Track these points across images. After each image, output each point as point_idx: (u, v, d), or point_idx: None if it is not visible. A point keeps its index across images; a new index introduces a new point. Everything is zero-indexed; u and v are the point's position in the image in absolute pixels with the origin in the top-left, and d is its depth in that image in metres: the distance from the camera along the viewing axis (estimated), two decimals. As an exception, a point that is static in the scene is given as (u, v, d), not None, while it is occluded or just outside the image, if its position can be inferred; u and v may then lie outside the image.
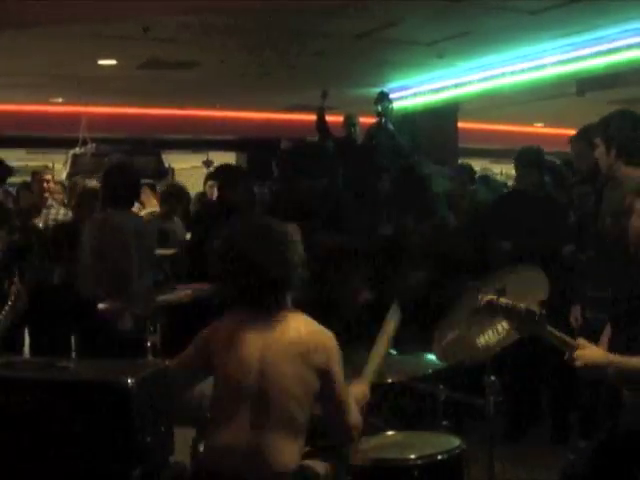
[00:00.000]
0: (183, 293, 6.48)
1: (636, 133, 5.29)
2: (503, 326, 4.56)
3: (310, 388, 3.93)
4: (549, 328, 4.05)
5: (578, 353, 3.97)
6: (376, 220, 9.09)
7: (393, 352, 5.07)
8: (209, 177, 11.79)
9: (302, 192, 8.82)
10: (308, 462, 4.13)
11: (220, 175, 8.69)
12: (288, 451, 3.90)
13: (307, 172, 9.91)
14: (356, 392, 4.20)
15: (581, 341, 4.06)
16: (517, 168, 7.92)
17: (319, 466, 4.17)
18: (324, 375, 3.94)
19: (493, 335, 4.62)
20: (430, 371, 4.94)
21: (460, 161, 13.69)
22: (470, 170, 9.85)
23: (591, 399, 6.45)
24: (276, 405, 3.89)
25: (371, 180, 10.16)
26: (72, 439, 3.59)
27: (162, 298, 6.37)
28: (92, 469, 3.58)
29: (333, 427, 4.13)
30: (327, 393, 3.98)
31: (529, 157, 7.75)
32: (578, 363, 3.97)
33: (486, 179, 11.17)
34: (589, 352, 4.00)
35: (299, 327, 3.99)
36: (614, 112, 5.36)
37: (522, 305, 3.98)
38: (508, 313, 4.04)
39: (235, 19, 9.69)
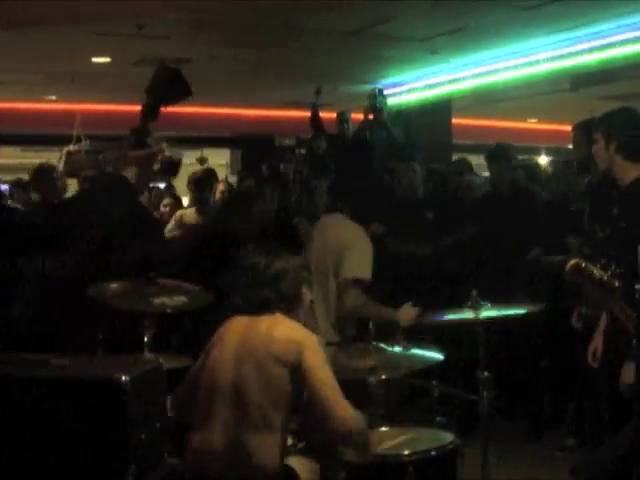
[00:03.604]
0: None
1: (637, 130, 5.20)
2: None
3: (283, 385, 3.96)
4: (622, 304, 4.02)
5: None
6: None
7: (387, 347, 5.10)
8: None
9: None
10: (292, 462, 4.15)
11: None
12: (267, 449, 3.91)
13: None
14: None
15: None
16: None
17: (304, 465, 4.20)
18: (296, 370, 3.96)
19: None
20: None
21: (455, 157, 13.72)
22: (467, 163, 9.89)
23: (587, 398, 6.49)
24: (251, 402, 3.92)
25: (364, 176, 10.16)
26: (67, 435, 3.60)
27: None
28: (87, 465, 3.59)
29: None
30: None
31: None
32: None
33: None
34: None
35: (274, 328, 4.06)
36: (616, 109, 5.33)
37: (605, 276, 3.91)
38: (589, 279, 3.95)
39: (229, 16, 9.69)
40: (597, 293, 3.98)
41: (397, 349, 5.03)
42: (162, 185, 14.52)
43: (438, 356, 4.93)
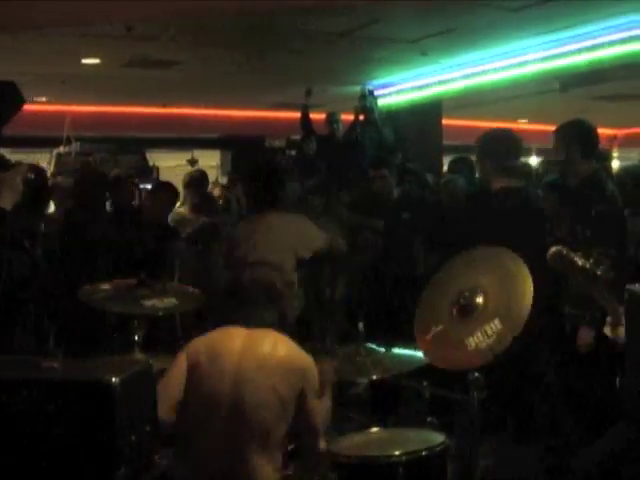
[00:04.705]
0: None
1: (507, 147, 6.37)
2: (492, 328, 4.52)
3: (286, 403, 3.99)
4: (604, 293, 4.15)
5: (617, 328, 4.13)
6: None
7: (378, 348, 5.11)
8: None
9: None
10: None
11: None
12: (264, 468, 3.92)
13: None
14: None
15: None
16: None
17: None
18: (300, 395, 4.03)
19: (482, 338, 4.51)
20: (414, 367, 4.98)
21: (445, 158, 13.75)
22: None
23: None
24: (250, 417, 3.93)
25: (355, 177, 10.19)
26: (56, 438, 3.59)
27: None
28: (76, 469, 3.58)
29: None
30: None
31: None
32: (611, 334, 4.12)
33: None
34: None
35: (276, 345, 4.10)
36: (492, 130, 6.68)
37: (587, 264, 4.04)
38: (571, 266, 4.10)
39: (218, 18, 9.68)
40: (580, 280, 4.12)
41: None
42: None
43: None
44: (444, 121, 15.28)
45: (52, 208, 9.40)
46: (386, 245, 8.39)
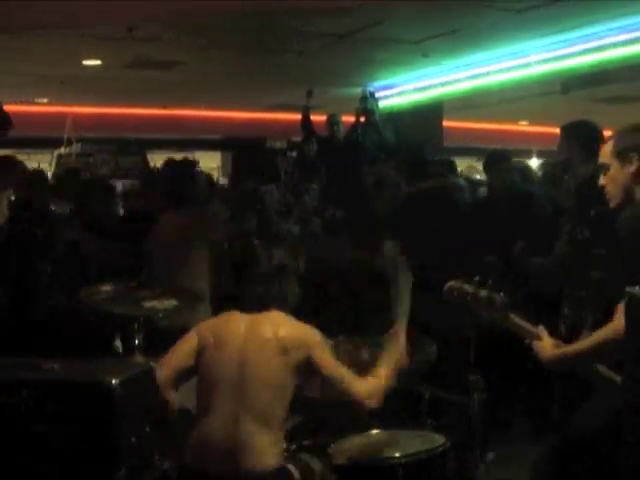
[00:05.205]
0: None
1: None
2: None
3: (288, 382, 4.06)
4: (510, 316, 4.10)
5: (534, 343, 4.06)
6: None
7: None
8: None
9: None
10: (304, 456, 4.20)
11: None
12: (268, 447, 3.96)
13: None
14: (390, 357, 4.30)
15: (540, 330, 4.12)
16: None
17: (314, 463, 4.23)
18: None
19: None
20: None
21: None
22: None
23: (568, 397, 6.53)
24: (252, 393, 4.00)
25: (355, 177, 10.19)
26: (57, 439, 3.59)
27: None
28: (77, 469, 3.59)
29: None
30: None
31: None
32: (533, 352, 4.10)
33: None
34: (541, 344, 4.08)
35: (277, 325, 4.14)
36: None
37: (480, 292, 4.01)
38: (465, 297, 4.08)
39: (219, 19, 9.68)
40: (476, 309, 4.12)
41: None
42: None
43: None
44: (445, 122, 15.27)
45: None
46: None
